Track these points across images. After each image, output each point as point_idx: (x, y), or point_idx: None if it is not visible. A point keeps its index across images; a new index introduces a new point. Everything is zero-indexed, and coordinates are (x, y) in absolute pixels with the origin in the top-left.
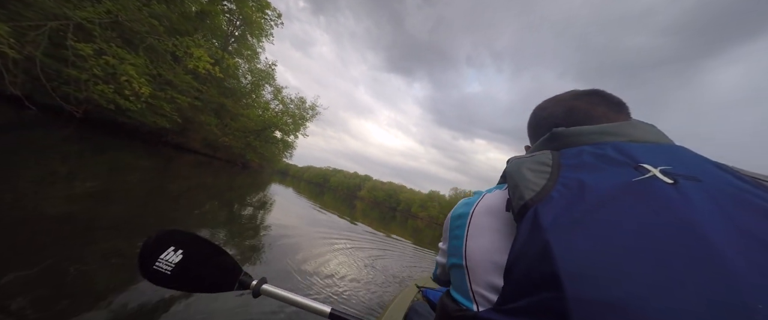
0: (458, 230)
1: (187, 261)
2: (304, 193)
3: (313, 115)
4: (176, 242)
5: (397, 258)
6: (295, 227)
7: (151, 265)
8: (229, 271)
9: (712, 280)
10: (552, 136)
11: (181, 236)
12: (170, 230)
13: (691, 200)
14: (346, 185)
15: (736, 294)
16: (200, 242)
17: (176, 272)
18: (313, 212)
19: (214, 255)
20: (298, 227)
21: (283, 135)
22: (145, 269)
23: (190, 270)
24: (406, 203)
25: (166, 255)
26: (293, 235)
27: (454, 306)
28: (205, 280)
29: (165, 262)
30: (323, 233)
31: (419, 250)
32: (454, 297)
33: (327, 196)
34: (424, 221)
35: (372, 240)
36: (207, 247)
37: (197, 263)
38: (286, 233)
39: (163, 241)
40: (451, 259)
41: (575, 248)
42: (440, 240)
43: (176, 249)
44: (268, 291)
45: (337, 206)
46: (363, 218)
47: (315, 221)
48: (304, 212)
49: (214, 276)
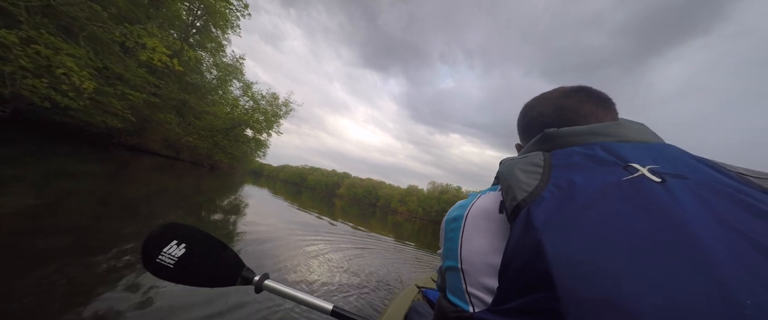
0: (453, 233)
1: (190, 254)
2: (281, 193)
3: (287, 112)
4: (179, 235)
5: (378, 256)
6: (270, 230)
7: (155, 258)
8: (231, 266)
9: (701, 276)
10: (544, 137)
11: (184, 230)
12: (173, 223)
13: (678, 197)
14: (324, 183)
15: (725, 289)
16: (203, 236)
17: (179, 265)
18: (290, 212)
19: (216, 250)
20: (274, 230)
21: (254, 133)
22: (148, 261)
23: (192, 264)
24: (385, 199)
25: (169, 248)
26: (268, 239)
27: (450, 307)
28: (208, 274)
29: (168, 255)
30: (300, 236)
31: (400, 245)
32: (451, 299)
33: (305, 195)
34: (403, 215)
35: (352, 240)
36: (210, 242)
37: (200, 257)
38: (260, 237)
39: (166, 234)
40: (447, 262)
41: (567, 247)
42: (439, 247)
43: (179, 242)
44: (270, 287)
45: (316, 205)
46: (343, 215)
47: (292, 223)
48: (280, 214)
49: (217, 270)
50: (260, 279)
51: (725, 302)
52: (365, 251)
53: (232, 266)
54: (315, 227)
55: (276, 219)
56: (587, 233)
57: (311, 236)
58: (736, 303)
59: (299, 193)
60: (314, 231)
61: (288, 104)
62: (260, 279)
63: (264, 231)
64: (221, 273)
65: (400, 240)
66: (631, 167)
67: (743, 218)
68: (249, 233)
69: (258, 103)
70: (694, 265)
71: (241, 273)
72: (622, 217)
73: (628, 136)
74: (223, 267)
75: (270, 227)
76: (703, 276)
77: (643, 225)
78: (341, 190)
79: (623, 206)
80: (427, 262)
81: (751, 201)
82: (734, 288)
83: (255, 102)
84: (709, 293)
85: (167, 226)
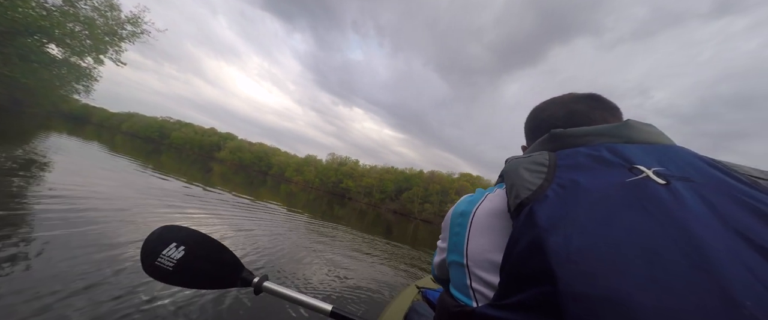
0: (460, 227)
1: (189, 257)
2: (125, 151)
3: (135, 35)
4: (178, 238)
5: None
6: (100, 198)
7: (154, 261)
8: (231, 268)
9: (702, 278)
10: (550, 137)
11: (182, 232)
12: (172, 226)
13: (683, 200)
14: (197, 143)
15: (725, 291)
16: (202, 238)
17: (178, 268)
18: (141, 177)
19: (216, 252)
20: (111, 198)
21: (67, 53)
22: (147, 265)
23: (192, 267)
24: (279, 167)
25: (167, 250)
26: (101, 208)
27: (453, 302)
28: (208, 277)
29: (167, 258)
30: (153, 207)
31: (292, 214)
32: (454, 294)
33: (167, 156)
34: (299, 185)
35: (232, 211)
36: (209, 243)
37: (199, 259)
38: (86, 206)
39: (165, 237)
40: (452, 256)
41: (568, 245)
42: (439, 239)
43: (178, 245)
44: (269, 289)
45: (185, 169)
46: (223, 183)
47: (143, 190)
48: (123, 178)
49: (217, 272)
50: (259, 281)
51: (725, 304)
52: (248, 221)
53: (231, 268)
54: (181, 195)
55: (115, 184)
56: (589, 233)
57: (176, 205)
58: (735, 305)
59: (157, 152)
60: (180, 200)
61: (137, 23)
62: (259, 280)
63: (90, 199)
64: (221, 274)
65: (293, 209)
66: (635, 169)
67: (750, 223)
68: (62, 203)
69: (76, 6)
70: (696, 267)
71: (240, 275)
72: (624, 218)
73: (635, 137)
74: (223, 269)
75: (103, 193)
76: (704, 279)
77: (645, 227)
78: (223, 153)
79: (625, 207)
80: (317, 228)
81: (761, 206)
82: (736, 290)
83: (70, 4)
84: (708, 296)
85: (165, 228)
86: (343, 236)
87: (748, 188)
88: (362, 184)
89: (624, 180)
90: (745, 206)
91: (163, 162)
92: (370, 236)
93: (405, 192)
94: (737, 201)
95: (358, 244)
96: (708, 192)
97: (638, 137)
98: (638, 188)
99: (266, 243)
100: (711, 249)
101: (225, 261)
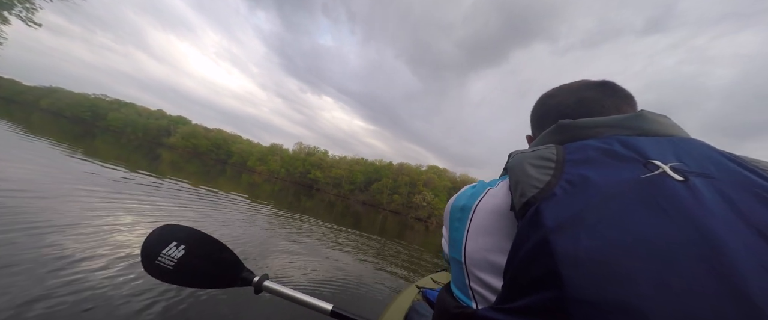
0: (459, 223)
1: (190, 256)
2: (45, 132)
3: None
4: (178, 237)
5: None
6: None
7: (154, 260)
8: (231, 267)
9: (720, 282)
10: (557, 128)
11: (182, 231)
12: (172, 225)
13: (702, 198)
14: (141, 126)
15: (745, 296)
16: (202, 237)
17: (178, 267)
18: (67, 161)
19: (216, 251)
20: (28, 185)
21: None
22: (148, 264)
23: (192, 266)
24: (240, 156)
25: (168, 249)
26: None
27: (453, 302)
28: (208, 276)
29: (167, 257)
30: (84, 198)
31: (256, 204)
32: (454, 292)
33: (101, 140)
34: (262, 175)
35: (188, 202)
36: (209, 243)
37: (199, 258)
38: None
39: (165, 236)
40: (451, 252)
41: (577, 247)
42: (443, 226)
43: (178, 244)
44: (269, 288)
45: (124, 155)
46: (174, 172)
47: (71, 178)
48: (44, 166)
49: (217, 271)
50: (260, 280)
51: (744, 311)
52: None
53: (231, 267)
54: (122, 185)
55: (30, 171)
56: (599, 234)
57: (111, 196)
58: (756, 311)
59: (90, 135)
60: (121, 191)
61: None
62: (260, 279)
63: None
64: (221, 274)
65: (257, 201)
66: (651, 164)
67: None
68: None
69: None
70: (714, 272)
71: (240, 274)
72: (638, 218)
73: (650, 129)
74: (223, 268)
75: (12, 179)
76: (722, 284)
77: (660, 228)
78: (174, 139)
79: (640, 206)
80: (283, 221)
81: None
82: (756, 298)
83: None
84: (726, 301)
85: (166, 227)
86: (313, 229)
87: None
88: (331, 175)
89: (638, 176)
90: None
91: (97, 147)
92: (339, 227)
93: (374, 184)
94: (761, 199)
95: (333, 236)
96: (728, 190)
97: (653, 129)
98: (654, 186)
99: (227, 233)
100: (731, 252)
101: (225, 260)
